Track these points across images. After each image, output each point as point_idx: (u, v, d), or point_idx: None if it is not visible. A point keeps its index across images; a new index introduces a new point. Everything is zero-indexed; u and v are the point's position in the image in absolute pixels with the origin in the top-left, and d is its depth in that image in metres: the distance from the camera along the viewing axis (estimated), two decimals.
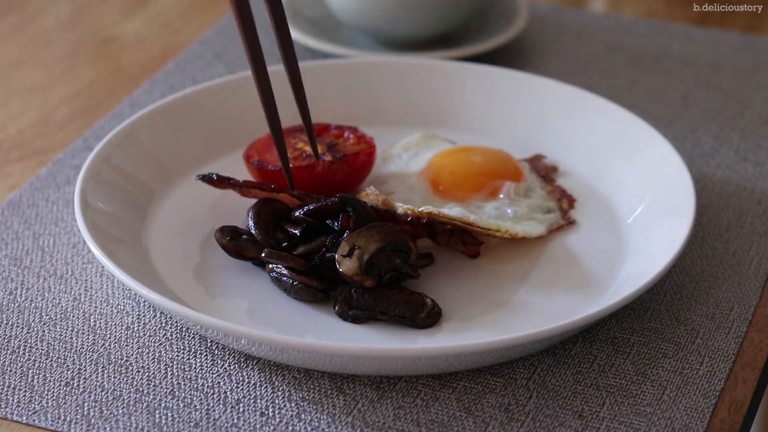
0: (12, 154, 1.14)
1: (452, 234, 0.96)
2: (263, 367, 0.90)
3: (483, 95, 1.15)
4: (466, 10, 1.27)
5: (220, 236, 0.97)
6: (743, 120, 1.20)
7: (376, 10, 1.25)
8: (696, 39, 1.34)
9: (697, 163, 1.13)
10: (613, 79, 1.26)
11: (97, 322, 0.94)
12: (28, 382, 0.89)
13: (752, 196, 1.08)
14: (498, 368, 0.90)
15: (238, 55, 1.29)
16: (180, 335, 0.93)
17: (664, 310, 0.95)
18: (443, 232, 0.96)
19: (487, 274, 0.97)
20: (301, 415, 0.86)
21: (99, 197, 0.99)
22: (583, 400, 0.87)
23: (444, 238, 0.97)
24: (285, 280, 0.93)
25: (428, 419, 0.86)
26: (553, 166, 1.09)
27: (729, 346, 0.92)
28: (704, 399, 0.88)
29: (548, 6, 1.41)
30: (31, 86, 1.26)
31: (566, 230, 1.02)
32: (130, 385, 0.88)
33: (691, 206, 0.98)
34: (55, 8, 1.42)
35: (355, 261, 0.92)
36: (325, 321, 0.92)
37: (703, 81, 1.26)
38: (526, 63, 1.29)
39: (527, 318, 0.92)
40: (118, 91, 1.24)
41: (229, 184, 0.98)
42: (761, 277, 0.99)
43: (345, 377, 0.89)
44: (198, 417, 0.86)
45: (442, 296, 0.94)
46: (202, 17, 1.39)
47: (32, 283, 0.97)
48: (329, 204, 0.96)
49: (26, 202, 1.06)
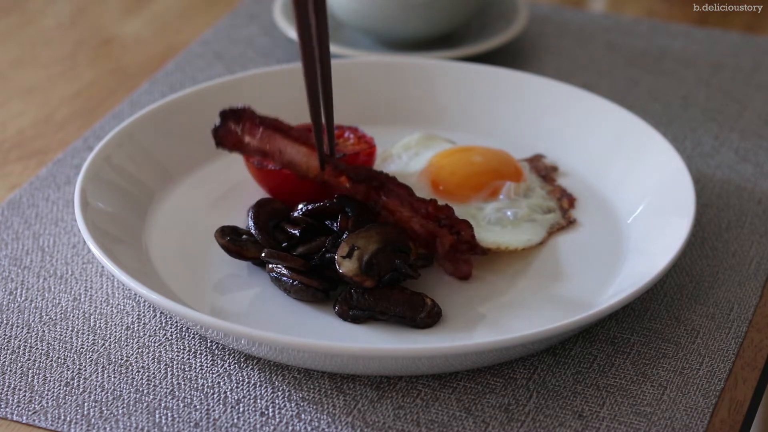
0: (12, 154, 1.14)
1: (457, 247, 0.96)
2: (263, 367, 0.90)
3: (483, 95, 1.15)
4: (466, 10, 1.27)
5: (220, 236, 0.97)
6: (743, 120, 1.20)
7: (377, 10, 1.25)
8: (696, 39, 1.34)
9: (697, 163, 1.13)
10: (613, 79, 1.26)
11: (97, 322, 0.94)
12: (28, 382, 0.89)
13: (752, 196, 1.08)
14: (498, 368, 0.90)
15: (238, 55, 1.29)
16: (180, 335, 0.93)
17: (664, 310, 0.95)
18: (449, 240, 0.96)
19: (487, 274, 0.97)
20: (301, 415, 0.86)
21: (99, 197, 0.99)
22: (583, 400, 0.87)
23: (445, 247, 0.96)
24: (285, 280, 0.93)
25: (428, 419, 0.86)
26: (553, 166, 1.09)
27: (729, 346, 0.92)
28: (704, 399, 0.88)
29: (548, 6, 1.41)
30: (31, 86, 1.26)
31: (566, 230, 1.02)
32: (130, 385, 0.88)
33: (691, 206, 0.98)
34: (55, 8, 1.42)
35: (354, 261, 0.92)
36: (325, 321, 0.92)
37: (703, 81, 1.26)
38: (526, 63, 1.29)
39: (527, 318, 0.92)
40: (118, 91, 1.24)
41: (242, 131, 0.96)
42: (761, 277, 0.99)
43: (345, 377, 0.89)
44: (198, 417, 0.86)
45: (442, 296, 0.94)
46: (202, 17, 1.39)
47: (32, 283, 0.97)
48: (329, 204, 0.96)
49: (26, 202, 1.06)
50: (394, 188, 0.96)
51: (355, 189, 0.96)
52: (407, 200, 0.96)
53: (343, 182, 0.96)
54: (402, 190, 0.96)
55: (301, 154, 0.97)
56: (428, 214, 0.96)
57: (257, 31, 1.34)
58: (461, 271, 0.96)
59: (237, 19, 1.36)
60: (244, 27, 1.35)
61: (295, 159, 0.97)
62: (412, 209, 0.96)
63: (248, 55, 1.29)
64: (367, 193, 0.96)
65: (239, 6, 1.39)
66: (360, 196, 0.96)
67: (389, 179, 0.97)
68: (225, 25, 1.35)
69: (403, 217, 0.95)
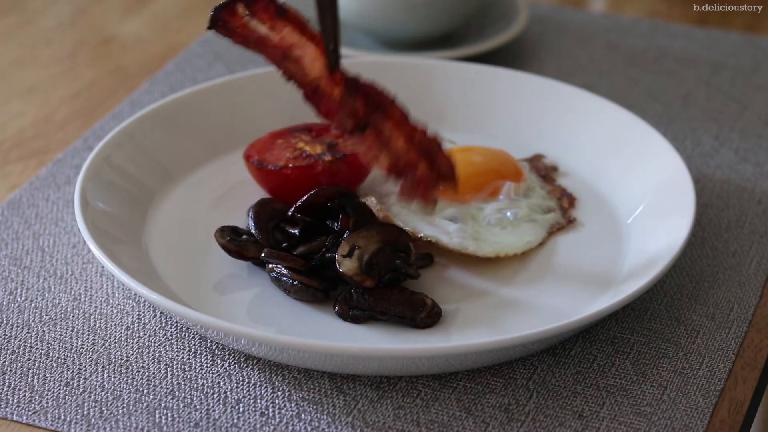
0: (12, 154, 1.14)
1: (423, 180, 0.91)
2: (263, 367, 0.90)
3: (483, 95, 1.15)
4: (466, 10, 1.27)
5: (220, 236, 0.97)
6: (743, 120, 1.20)
7: (377, 10, 1.25)
8: (696, 39, 1.34)
9: (697, 163, 1.13)
10: (613, 79, 1.26)
11: (97, 322, 0.94)
12: (28, 382, 0.89)
13: (752, 196, 1.08)
14: (498, 368, 0.90)
15: (238, 55, 1.29)
16: (180, 335, 0.93)
17: (664, 310, 0.95)
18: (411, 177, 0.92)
19: (487, 274, 0.97)
20: (301, 415, 0.86)
21: (99, 197, 0.99)
22: (583, 400, 0.87)
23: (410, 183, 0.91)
24: (285, 280, 0.93)
25: (428, 419, 0.86)
26: (553, 165, 1.09)
27: (729, 346, 0.92)
28: (704, 399, 0.88)
29: (548, 6, 1.41)
30: (31, 86, 1.26)
31: (566, 230, 1.02)
32: (130, 385, 0.88)
33: (691, 206, 0.98)
34: (55, 8, 1.42)
35: (355, 261, 0.92)
36: (325, 321, 0.92)
37: (703, 81, 1.26)
38: (526, 63, 1.29)
39: (527, 318, 0.92)
40: (118, 91, 1.24)
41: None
42: (761, 277, 0.99)
43: (345, 377, 0.89)
44: (198, 417, 0.86)
45: (442, 296, 0.94)
46: (202, 17, 1.39)
47: (32, 283, 0.97)
48: (319, 195, 0.95)
49: (26, 202, 1.06)
50: (390, 109, 0.92)
51: (345, 102, 0.91)
52: (399, 123, 0.91)
53: (336, 94, 0.91)
54: (397, 112, 0.92)
55: (308, 54, 0.92)
56: (413, 142, 0.92)
57: None
58: (426, 197, 0.91)
59: None
60: None
61: (301, 57, 0.92)
62: (402, 133, 0.91)
63: (248, 55, 1.29)
64: (357, 108, 0.91)
65: None
66: (348, 109, 0.91)
67: (388, 100, 0.92)
68: None
69: (389, 137, 0.91)
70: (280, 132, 1.06)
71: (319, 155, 1.02)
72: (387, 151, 0.92)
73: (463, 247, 0.97)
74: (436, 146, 0.92)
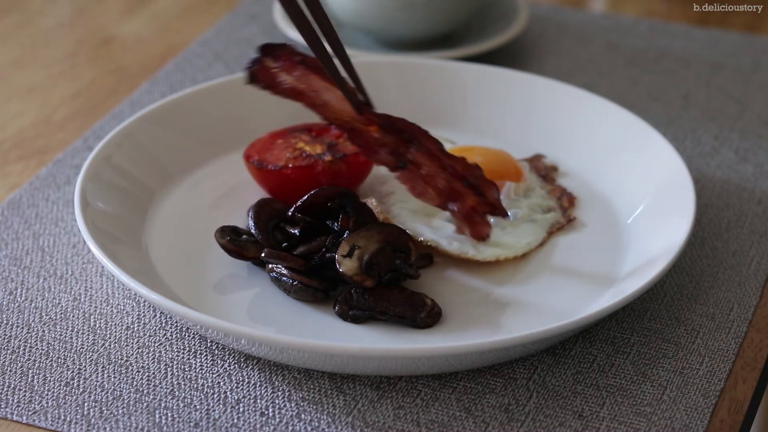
0: (12, 154, 1.14)
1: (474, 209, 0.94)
2: (263, 367, 0.90)
3: (483, 95, 1.15)
4: (466, 10, 1.27)
5: (220, 236, 0.97)
6: (743, 120, 1.20)
7: (376, 10, 1.25)
8: (696, 39, 1.34)
9: (697, 163, 1.13)
10: (613, 79, 1.26)
11: (97, 322, 0.94)
12: (28, 382, 0.89)
13: (752, 196, 1.08)
14: (498, 368, 0.90)
15: (238, 55, 1.29)
16: (180, 335, 0.93)
17: (664, 310, 0.95)
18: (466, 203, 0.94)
19: (487, 274, 0.97)
20: (301, 415, 0.86)
21: (99, 197, 0.99)
22: (583, 400, 0.87)
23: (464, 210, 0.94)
24: (285, 280, 0.93)
25: (428, 419, 0.86)
26: (553, 165, 1.09)
27: (729, 346, 0.92)
28: (704, 399, 0.88)
29: (548, 6, 1.41)
30: (31, 86, 1.26)
31: (566, 230, 1.02)
32: (130, 385, 0.88)
33: (691, 206, 0.98)
34: (55, 8, 1.42)
35: (355, 261, 0.92)
36: (325, 321, 0.92)
37: (703, 81, 1.26)
38: (526, 63, 1.29)
39: (527, 318, 0.92)
40: (118, 91, 1.24)
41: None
42: (761, 277, 0.99)
43: (345, 377, 0.89)
44: (198, 417, 0.86)
45: (442, 296, 0.94)
46: (202, 17, 1.39)
47: (32, 283, 0.97)
48: (319, 195, 0.95)
49: (26, 202, 1.06)
50: (425, 142, 0.94)
51: (384, 139, 0.94)
52: (437, 156, 0.95)
53: (372, 131, 0.94)
54: (433, 144, 0.95)
55: (336, 97, 0.95)
56: (455, 173, 0.95)
57: (257, 31, 1.34)
58: (479, 232, 0.95)
59: (237, 19, 1.36)
60: (244, 27, 1.35)
61: (329, 101, 0.95)
62: (440, 165, 0.94)
63: (248, 55, 1.29)
64: (396, 145, 0.94)
65: (239, 6, 1.39)
66: (389, 146, 0.94)
67: (422, 132, 0.95)
68: (225, 25, 1.35)
69: (430, 172, 0.94)
70: (280, 132, 1.06)
71: (319, 155, 1.02)
72: (432, 185, 0.94)
73: (462, 252, 0.97)
74: (479, 174, 0.94)
